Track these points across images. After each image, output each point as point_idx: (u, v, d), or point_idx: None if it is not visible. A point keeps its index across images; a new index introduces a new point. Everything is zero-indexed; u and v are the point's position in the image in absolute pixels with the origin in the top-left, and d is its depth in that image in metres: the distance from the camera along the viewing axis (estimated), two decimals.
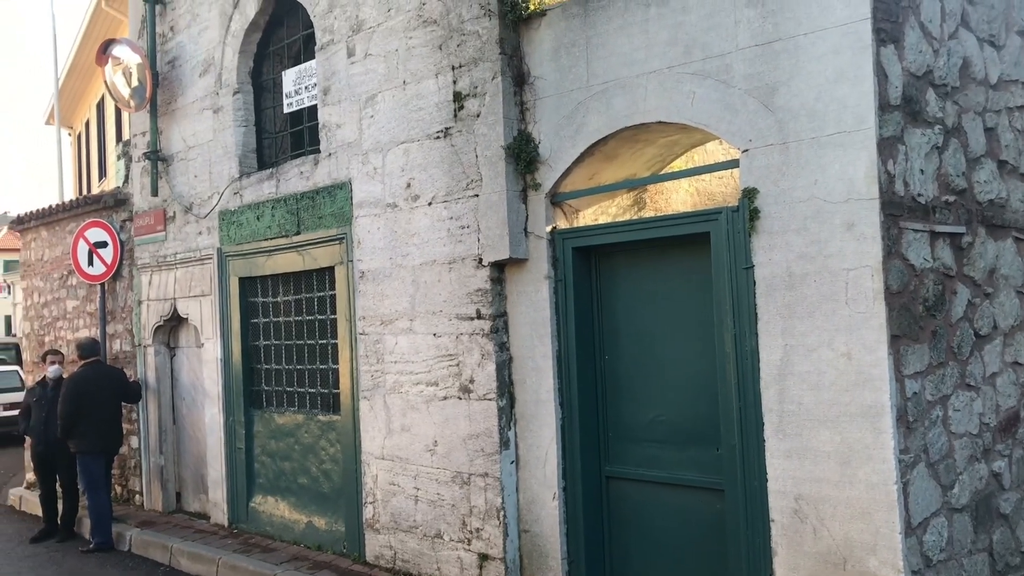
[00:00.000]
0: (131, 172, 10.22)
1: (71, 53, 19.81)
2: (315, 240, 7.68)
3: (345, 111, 7.34)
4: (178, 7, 9.38)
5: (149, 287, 9.82)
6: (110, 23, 16.75)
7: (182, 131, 9.31)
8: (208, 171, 8.95)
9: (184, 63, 9.28)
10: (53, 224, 11.60)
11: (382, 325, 7.01)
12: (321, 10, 7.56)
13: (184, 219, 9.27)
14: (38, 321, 12.05)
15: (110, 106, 18.44)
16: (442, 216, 6.51)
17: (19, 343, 20.70)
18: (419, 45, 6.67)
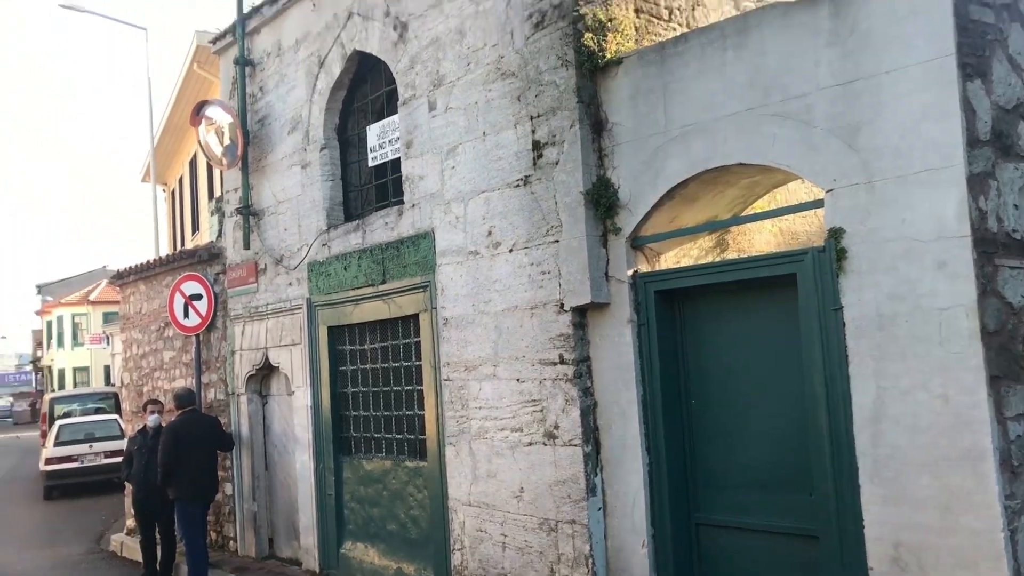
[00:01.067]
0: (224, 227, 10.61)
1: (165, 113, 20.74)
2: (400, 288, 7.83)
3: (427, 163, 7.52)
4: (267, 68, 9.77)
5: (242, 337, 10.13)
6: (201, 84, 17.51)
7: (272, 186, 9.65)
8: (297, 224, 9.23)
9: (273, 121, 9.64)
10: (151, 278, 12.08)
11: (466, 371, 7.09)
12: (403, 67, 7.78)
13: (275, 271, 9.56)
14: (137, 372, 12.51)
15: (202, 163, 19.22)
16: (523, 262, 6.58)
17: (118, 392, 21.45)
18: (498, 97, 6.80)
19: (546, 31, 6.37)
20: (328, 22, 8.77)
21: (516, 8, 6.61)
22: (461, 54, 7.15)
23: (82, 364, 52.17)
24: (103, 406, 23.52)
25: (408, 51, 7.72)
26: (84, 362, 51.74)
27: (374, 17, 8.12)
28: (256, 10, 9.80)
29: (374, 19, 8.12)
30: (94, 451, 18.69)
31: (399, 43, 7.83)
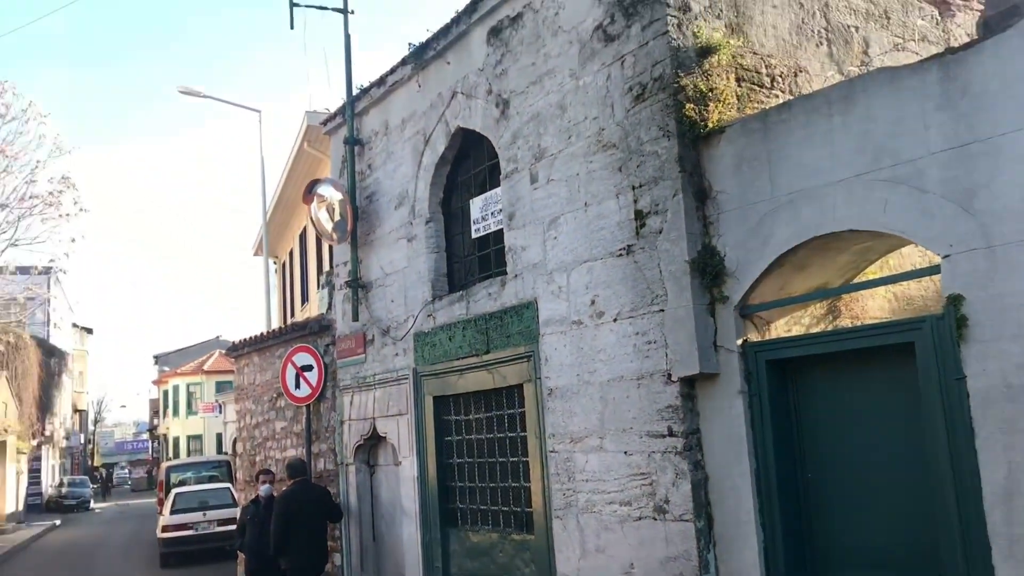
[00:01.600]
0: (334, 299, 10.93)
1: (277, 190, 21.63)
2: (504, 358, 7.88)
3: (529, 234, 7.61)
4: (374, 147, 10.13)
5: (350, 407, 10.33)
6: (311, 161, 18.22)
7: (379, 259, 9.91)
8: (403, 296, 9.44)
9: (381, 197, 9.95)
10: (264, 350, 12.48)
11: (572, 443, 7.04)
12: (505, 142, 7.95)
13: (382, 341, 9.77)
14: (250, 442, 12.86)
15: (311, 237, 19.90)
16: (628, 332, 6.55)
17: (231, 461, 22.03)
18: (599, 168, 6.87)
19: (647, 103, 6.43)
20: (433, 101, 9.06)
21: (616, 82, 6.71)
22: (562, 128, 7.27)
23: (196, 432, 53.94)
24: (216, 474, 24.17)
25: (510, 126, 7.89)
26: (198, 430, 53.50)
27: (477, 95, 8.35)
28: (364, 92, 10.20)
29: (477, 97, 8.35)
30: (208, 519, 19.16)
31: (501, 119, 8.02)
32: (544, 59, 7.48)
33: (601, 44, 6.87)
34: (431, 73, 9.12)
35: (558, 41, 7.33)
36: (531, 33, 7.65)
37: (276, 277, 27.30)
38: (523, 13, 7.74)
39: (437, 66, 9.02)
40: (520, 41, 7.79)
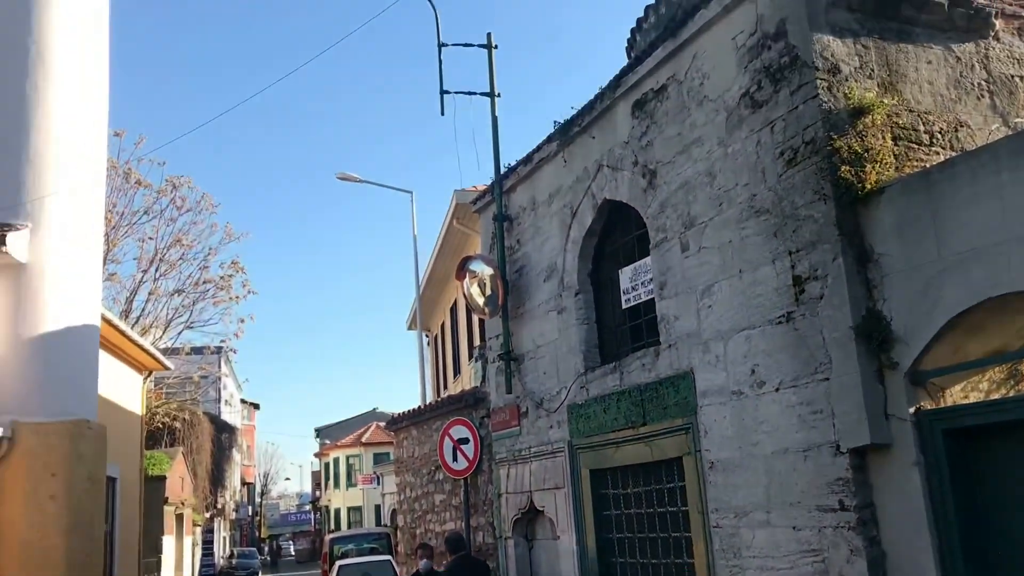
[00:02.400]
0: (487, 372, 11.10)
1: (428, 265, 22.31)
2: (660, 431, 7.76)
3: (682, 303, 7.54)
4: (523, 222, 10.35)
5: (507, 480, 10.38)
6: (460, 237, 18.75)
7: (531, 332, 10.03)
8: (555, 367, 9.49)
9: (530, 270, 10.12)
10: (421, 423, 12.77)
11: (736, 518, 6.82)
12: (653, 212, 7.97)
13: (536, 414, 9.82)
14: (411, 514, 13.09)
15: (461, 310, 20.36)
16: (791, 402, 6.34)
17: (390, 533, 22.42)
18: (753, 234, 6.77)
19: (799, 167, 6.33)
20: (579, 175, 9.21)
21: (766, 147, 6.64)
22: (712, 195, 7.23)
23: (355, 504, 55.28)
24: (377, 546, 24.61)
25: (658, 196, 7.91)
26: (357, 502, 54.81)
27: (623, 167, 8.43)
28: (512, 170, 10.48)
29: (623, 169, 8.43)
30: None
31: (648, 189, 8.05)
32: (690, 128, 7.50)
33: (749, 111, 6.83)
34: (576, 148, 9.29)
35: (704, 110, 7.34)
36: (676, 104, 7.70)
37: (429, 350, 27.97)
38: (667, 85, 7.81)
39: (582, 141, 9.18)
40: (665, 112, 7.84)
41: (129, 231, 25.51)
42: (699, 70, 7.41)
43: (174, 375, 27.34)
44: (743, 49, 6.91)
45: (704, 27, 7.28)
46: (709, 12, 7.18)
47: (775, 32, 6.58)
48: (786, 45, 6.47)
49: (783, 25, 6.50)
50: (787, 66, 6.45)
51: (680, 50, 7.60)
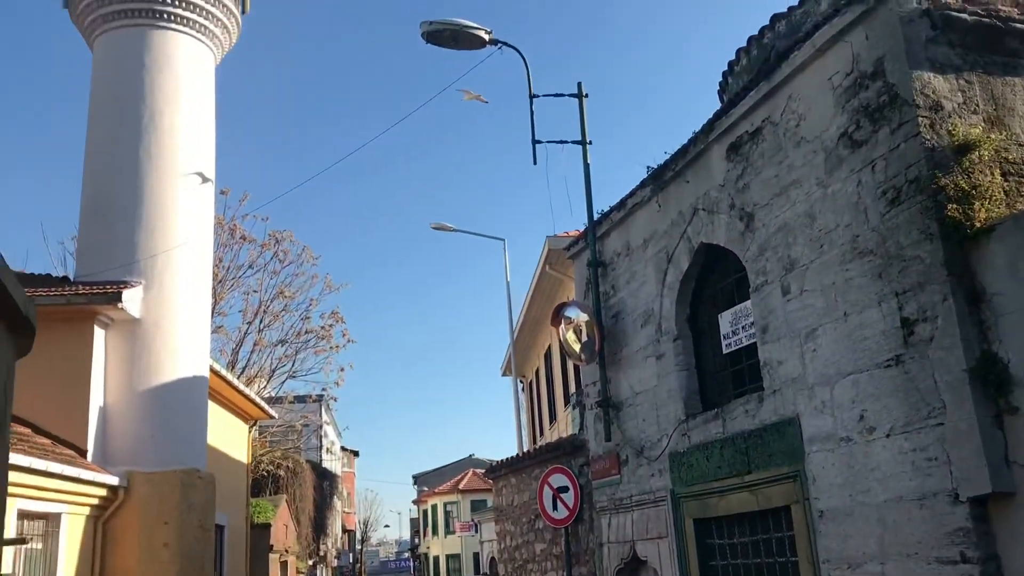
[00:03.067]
0: (585, 419, 11.05)
1: (522, 311, 22.44)
2: (767, 479, 7.58)
3: (785, 347, 7.40)
4: (617, 267, 10.34)
5: (608, 529, 10.26)
6: (553, 283, 18.83)
7: (628, 378, 9.97)
8: (655, 414, 9.39)
9: (626, 316, 10.08)
10: (520, 471, 12.76)
11: (849, 569, 6.58)
12: (751, 255, 7.87)
13: (636, 462, 9.71)
14: (511, 563, 13.04)
15: (555, 355, 20.36)
16: (903, 448, 6.13)
17: None
18: (856, 276, 6.62)
19: (903, 206, 6.18)
20: (673, 219, 9.17)
21: (867, 187, 6.51)
22: (812, 237, 7.11)
23: (454, 551, 55.25)
24: None
25: (756, 239, 7.82)
26: (455, 549, 54.78)
27: (719, 211, 8.37)
28: (605, 216, 10.51)
29: (719, 212, 8.37)
30: None
31: (746, 232, 7.96)
32: (787, 170, 7.42)
33: (848, 151, 6.73)
34: (670, 192, 9.27)
35: (801, 151, 7.25)
36: (772, 146, 7.63)
37: (524, 396, 28.00)
38: (762, 127, 7.75)
39: (676, 185, 9.16)
40: (761, 154, 7.78)
41: (235, 284, 26.49)
42: (795, 111, 7.34)
43: (277, 423, 28.03)
44: (839, 89, 6.83)
45: (798, 69, 7.23)
46: (803, 54, 7.12)
47: (872, 71, 6.49)
48: (884, 84, 6.37)
49: (881, 64, 6.41)
50: (886, 105, 6.34)
51: (774, 92, 7.55)
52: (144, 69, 15.00)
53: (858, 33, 6.64)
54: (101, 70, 15.39)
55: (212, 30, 15.80)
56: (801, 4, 9.69)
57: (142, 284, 13.82)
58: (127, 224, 14.22)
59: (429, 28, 10.56)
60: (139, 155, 14.60)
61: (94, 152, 15.04)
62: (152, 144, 14.73)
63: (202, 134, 15.59)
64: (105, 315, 13.23)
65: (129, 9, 15.00)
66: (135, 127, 14.75)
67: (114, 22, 15.11)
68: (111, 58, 15.25)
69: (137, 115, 14.82)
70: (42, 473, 10.11)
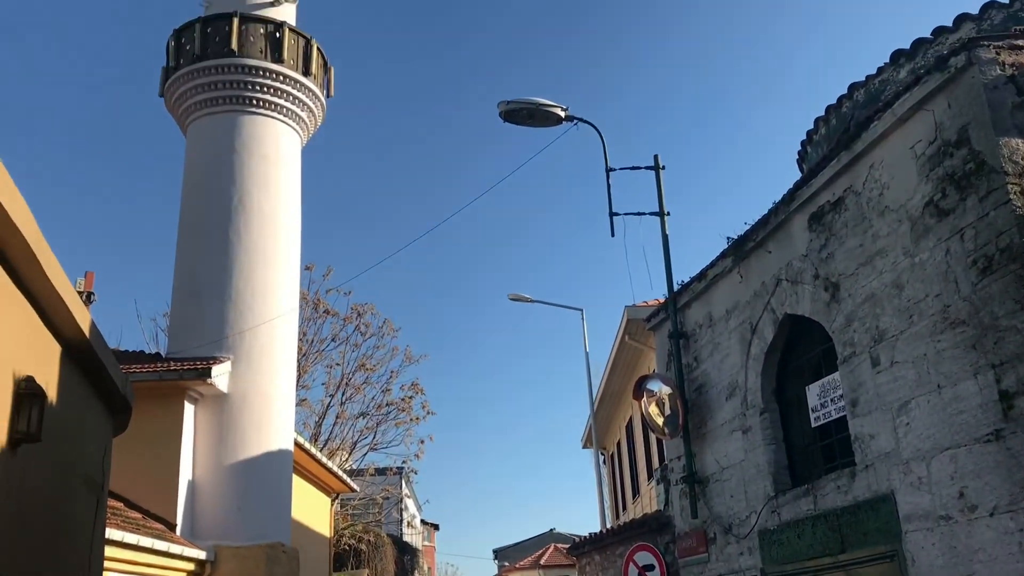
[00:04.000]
0: (670, 495, 10.83)
1: (602, 382, 22.23)
2: (862, 559, 7.30)
3: (877, 421, 7.18)
4: (700, 339, 10.23)
5: None
6: (633, 353, 18.66)
7: (714, 453, 9.77)
8: (743, 490, 9.16)
9: (710, 389, 9.93)
10: (604, 548, 12.53)
11: None
12: (838, 325, 7.71)
13: (724, 540, 9.45)
14: None
15: (637, 428, 20.07)
16: (1009, 528, 5.84)
17: None
18: (949, 347, 6.42)
19: (995, 275, 6.01)
20: (756, 290, 9.07)
21: (956, 256, 6.35)
22: (901, 307, 6.94)
23: None
24: None
25: (842, 310, 7.67)
26: None
27: (803, 281, 8.25)
28: (685, 287, 10.45)
29: (803, 283, 8.25)
30: None
31: (831, 303, 7.82)
32: (872, 239, 7.29)
33: (934, 219, 6.59)
34: (752, 263, 9.19)
35: (885, 220, 7.14)
36: (855, 215, 7.53)
37: (605, 469, 27.58)
38: (844, 197, 7.66)
39: (758, 256, 9.07)
40: (844, 224, 7.68)
41: (318, 358, 26.95)
42: (877, 180, 7.25)
43: (359, 497, 28.13)
44: (923, 157, 6.73)
45: (879, 138, 7.16)
46: (883, 123, 7.06)
47: (957, 139, 6.38)
48: (970, 151, 6.26)
49: (965, 131, 6.31)
50: (973, 172, 6.22)
51: (856, 162, 7.48)
52: (234, 152, 15.65)
53: (940, 101, 6.56)
54: (193, 154, 16.12)
55: (299, 114, 16.45)
56: (879, 72, 9.64)
57: (230, 359, 14.20)
58: (217, 301, 14.69)
59: (507, 108, 10.80)
60: (228, 235, 15.15)
61: (186, 232, 15.67)
62: (241, 224, 15.27)
63: (289, 213, 16.11)
64: (195, 390, 13.60)
65: (221, 96, 15.74)
66: (225, 208, 15.33)
67: (207, 108, 15.87)
68: (203, 142, 15.98)
69: (227, 196, 15.42)
70: (135, 548, 10.33)
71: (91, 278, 12.34)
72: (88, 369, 5.96)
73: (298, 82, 16.21)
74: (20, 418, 4.61)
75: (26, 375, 4.72)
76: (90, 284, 12.27)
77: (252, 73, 15.74)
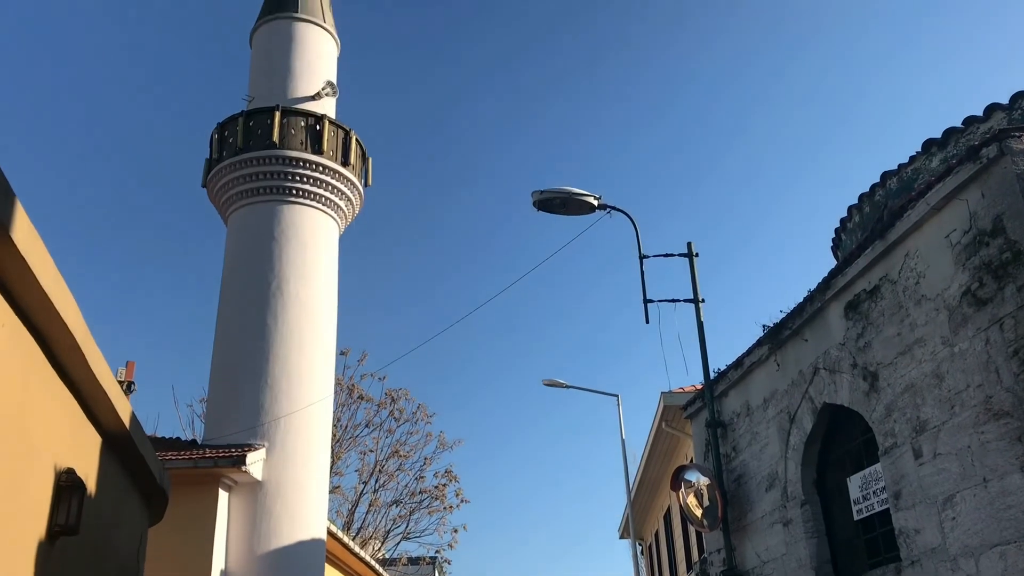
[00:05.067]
0: None
1: (639, 471, 21.88)
2: None
3: (921, 514, 6.99)
4: (737, 428, 10.10)
5: None
6: (670, 441, 18.40)
7: (754, 546, 9.53)
8: None
9: (749, 480, 9.75)
10: None
11: None
12: (878, 416, 7.59)
13: None
14: None
15: (675, 517, 19.66)
16: None
17: None
18: (994, 439, 6.28)
19: None
20: (794, 379, 8.97)
21: (997, 346, 6.27)
22: (942, 398, 6.83)
23: None
24: None
25: (882, 399, 7.56)
26: None
27: (841, 370, 8.17)
28: (722, 375, 10.37)
29: (841, 372, 8.16)
30: None
31: (871, 392, 7.72)
32: (910, 328, 7.23)
33: (972, 309, 6.53)
34: (789, 351, 9.12)
35: (923, 309, 7.08)
36: (891, 304, 7.48)
37: (643, 559, 26.94)
38: (880, 285, 7.63)
39: (794, 344, 9.01)
40: (881, 312, 7.62)
41: (352, 444, 26.89)
42: (913, 269, 7.22)
43: None
44: (959, 246, 6.71)
45: (914, 227, 7.15)
46: (917, 212, 7.07)
47: (992, 228, 6.37)
48: (1006, 240, 6.23)
49: (1000, 221, 6.29)
50: (1010, 262, 6.18)
51: (891, 250, 7.47)
52: (273, 240, 15.97)
53: (973, 191, 6.57)
54: (234, 241, 16.47)
55: (337, 203, 16.81)
56: (911, 161, 9.69)
57: (265, 447, 14.23)
58: (253, 387, 14.81)
59: (540, 197, 10.97)
60: (266, 321, 15.36)
61: (225, 318, 15.90)
62: (279, 310, 15.49)
63: (325, 299, 16.32)
64: (229, 478, 13.61)
65: (263, 187, 16.17)
66: (263, 294, 15.58)
67: (248, 198, 16.28)
68: (243, 230, 16.34)
69: (265, 283, 15.68)
70: None
71: (132, 367, 12.56)
72: (127, 460, 6.02)
73: (337, 172, 16.61)
74: (60, 511, 4.66)
75: (67, 467, 4.78)
76: (131, 374, 12.48)
77: (293, 164, 16.17)
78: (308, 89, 17.56)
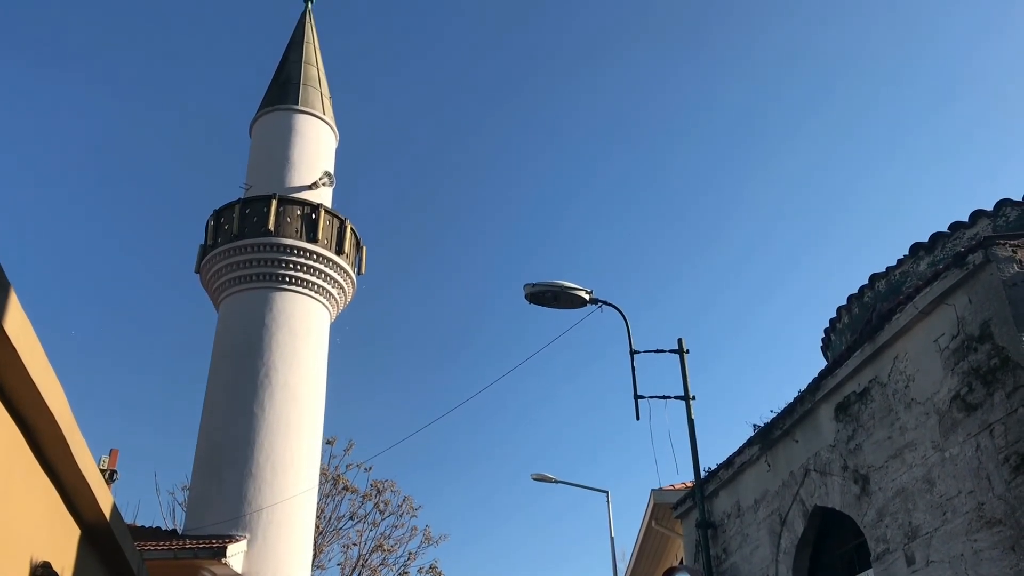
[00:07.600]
0: None
1: (628, 569, 21.41)
2: None
3: None
4: (728, 530, 9.95)
5: None
6: (660, 539, 18.06)
7: None
8: None
9: None
10: None
11: None
12: (870, 520, 7.51)
13: None
14: None
15: None
16: None
17: None
18: (987, 548, 6.20)
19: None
20: (784, 480, 8.89)
21: (987, 452, 6.25)
22: (934, 503, 6.77)
23: None
24: None
25: (873, 503, 7.48)
26: None
27: (831, 472, 8.10)
28: (712, 474, 10.27)
29: (832, 474, 8.10)
30: None
31: (862, 496, 7.64)
32: (900, 432, 7.21)
33: (962, 414, 6.53)
34: (780, 452, 9.06)
35: (913, 413, 7.08)
36: (881, 407, 7.48)
37: None
38: (870, 388, 7.64)
39: (785, 444, 8.96)
40: (871, 415, 7.61)
41: (335, 536, 26.28)
42: (903, 372, 7.24)
43: None
44: (947, 351, 6.74)
45: (902, 330, 7.20)
46: (905, 316, 7.13)
47: (980, 334, 6.42)
48: (994, 346, 6.27)
49: (988, 327, 6.35)
50: (998, 367, 6.21)
51: (880, 353, 7.50)
52: (264, 327, 15.97)
53: (960, 296, 6.64)
54: (224, 327, 16.46)
55: (329, 291, 16.88)
56: (899, 264, 9.81)
57: (246, 538, 13.95)
58: (236, 476, 14.59)
59: (532, 290, 11.02)
60: (253, 409, 15.23)
61: (211, 404, 15.77)
62: (266, 399, 15.38)
63: (314, 388, 16.22)
64: (208, 570, 13.29)
65: (256, 274, 16.24)
66: (251, 382, 15.49)
67: (241, 285, 16.34)
68: (234, 316, 16.35)
69: (254, 370, 15.61)
70: None
71: (115, 456, 12.41)
72: (106, 553, 5.89)
73: (330, 260, 16.73)
74: None
75: (43, 561, 4.68)
76: (114, 462, 12.33)
77: (287, 252, 16.30)
78: (306, 179, 17.84)
